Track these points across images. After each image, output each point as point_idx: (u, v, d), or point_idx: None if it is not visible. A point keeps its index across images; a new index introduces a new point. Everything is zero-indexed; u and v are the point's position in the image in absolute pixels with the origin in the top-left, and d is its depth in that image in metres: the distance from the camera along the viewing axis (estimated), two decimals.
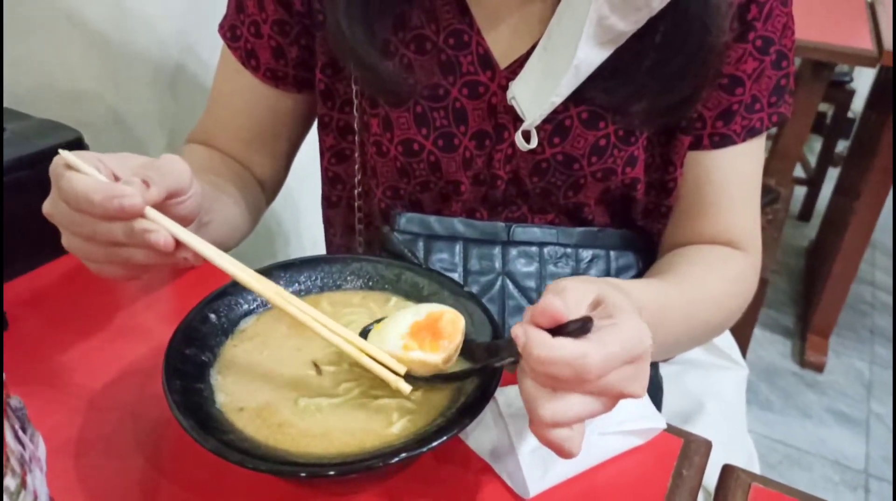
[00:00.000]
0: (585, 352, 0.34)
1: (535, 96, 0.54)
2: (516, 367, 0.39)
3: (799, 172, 2.44)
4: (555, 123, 0.56)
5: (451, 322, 0.42)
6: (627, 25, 0.50)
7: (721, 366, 0.78)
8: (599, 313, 0.38)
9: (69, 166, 0.40)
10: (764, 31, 0.55)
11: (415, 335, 0.42)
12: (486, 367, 0.42)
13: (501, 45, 0.56)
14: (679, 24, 0.51)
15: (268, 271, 0.49)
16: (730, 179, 0.59)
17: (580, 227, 0.62)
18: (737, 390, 0.77)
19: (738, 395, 0.77)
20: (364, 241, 0.69)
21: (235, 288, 0.49)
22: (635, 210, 0.62)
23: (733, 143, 0.57)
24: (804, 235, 2.38)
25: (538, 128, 0.55)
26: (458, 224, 0.61)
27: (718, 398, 0.73)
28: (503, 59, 0.56)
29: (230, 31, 0.62)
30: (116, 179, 0.42)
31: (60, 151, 0.41)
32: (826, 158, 2.35)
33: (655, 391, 0.70)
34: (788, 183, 1.76)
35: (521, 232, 0.61)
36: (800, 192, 2.45)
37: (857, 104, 2.46)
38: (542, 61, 0.54)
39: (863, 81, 2.34)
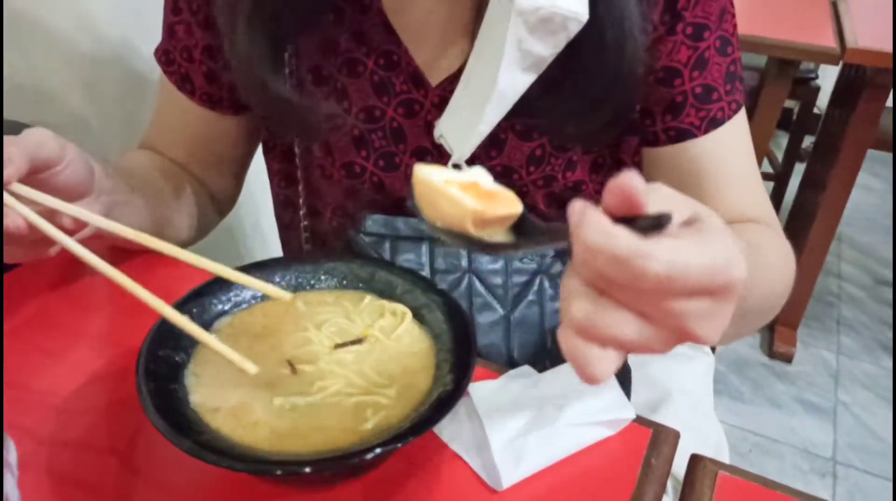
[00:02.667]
0: (649, 253, 0.26)
1: (463, 131, 0.54)
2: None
3: (766, 167, 2.49)
4: (490, 136, 0.55)
5: (510, 201, 0.34)
6: (546, 49, 0.49)
7: (686, 355, 0.79)
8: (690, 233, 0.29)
9: None
10: (693, 17, 0.54)
11: (466, 187, 0.34)
12: (529, 245, 0.34)
13: (431, 63, 0.56)
14: (596, 50, 0.50)
15: (243, 271, 0.49)
16: (719, 165, 0.57)
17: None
18: (703, 378, 0.78)
19: (706, 384, 0.78)
20: None
21: (209, 289, 0.49)
22: None
23: (693, 136, 0.56)
24: None
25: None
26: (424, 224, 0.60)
27: (684, 386, 0.74)
28: (434, 77, 0.57)
29: (164, 55, 0.63)
30: None
31: None
32: (793, 154, 2.40)
33: (624, 380, 0.71)
34: None
35: None
36: (767, 187, 2.50)
37: (823, 100, 2.51)
38: (467, 95, 0.54)
39: (828, 78, 2.38)
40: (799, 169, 2.38)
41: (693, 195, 0.33)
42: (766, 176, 2.46)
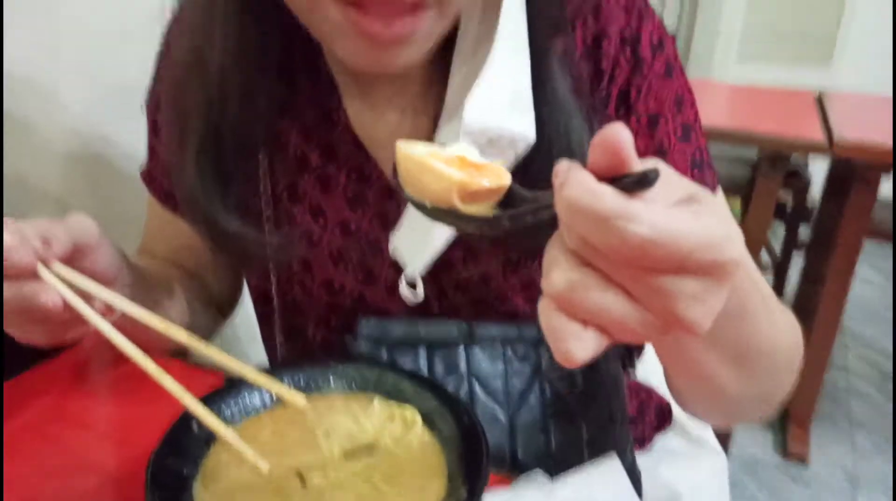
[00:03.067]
0: (635, 214, 0.24)
1: (417, 246, 0.54)
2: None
3: (765, 258, 2.51)
4: (463, 245, 0.54)
5: (498, 173, 0.32)
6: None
7: (696, 455, 0.77)
8: (684, 205, 0.27)
9: None
10: (647, 108, 0.53)
11: (451, 161, 0.32)
12: (515, 217, 0.31)
13: None
14: (545, 166, 0.48)
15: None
16: None
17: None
18: (717, 480, 0.76)
19: (720, 486, 0.76)
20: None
21: (219, 396, 0.49)
22: None
23: None
24: None
25: (450, 252, 0.55)
26: (421, 327, 0.58)
27: (696, 487, 0.72)
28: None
29: (148, 175, 0.66)
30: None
31: None
32: (790, 245, 2.43)
33: (635, 483, 0.69)
34: None
35: (482, 331, 0.58)
36: (766, 279, 2.52)
37: (817, 192, 2.57)
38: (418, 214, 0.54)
39: (819, 171, 2.44)
40: (797, 259, 2.40)
41: None
42: (764, 268, 2.48)
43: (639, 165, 0.25)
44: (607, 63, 0.52)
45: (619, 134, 0.24)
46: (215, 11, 0.49)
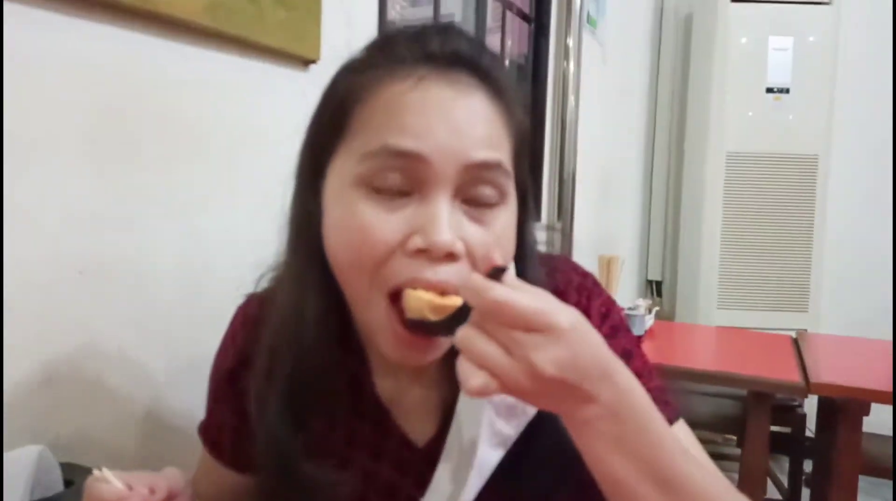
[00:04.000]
0: (492, 286, 0.44)
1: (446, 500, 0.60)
2: None
3: (774, 493, 2.52)
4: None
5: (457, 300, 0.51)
6: (511, 429, 0.58)
7: None
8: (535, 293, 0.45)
9: (98, 480, 0.55)
10: None
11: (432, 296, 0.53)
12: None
13: (416, 430, 0.66)
14: (554, 430, 0.53)
15: None
16: None
17: None
18: None
19: None
20: None
21: None
22: None
23: None
24: None
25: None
26: None
27: None
28: (419, 440, 0.66)
29: (203, 429, 0.76)
30: (131, 488, 0.56)
31: (94, 470, 0.56)
32: (796, 479, 2.46)
33: None
34: None
35: None
36: None
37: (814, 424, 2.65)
38: (447, 470, 0.61)
39: (813, 405, 2.55)
40: (806, 493, 2.41)
41: None
42: None
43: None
44: None
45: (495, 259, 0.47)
46: (301, 302, 0.60)
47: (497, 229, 0.56)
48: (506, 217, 0.58)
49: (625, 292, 2.79)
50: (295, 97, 1.10)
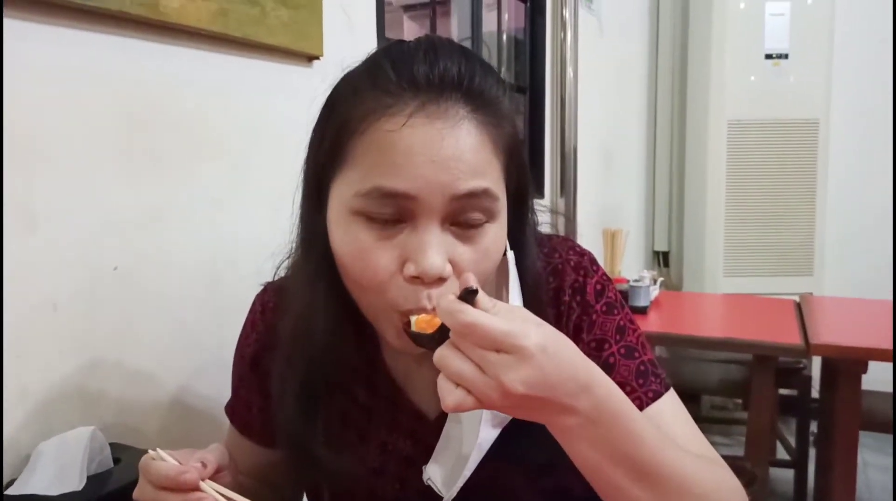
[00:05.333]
0: (464, 308, 0.48)
1: (448, 476, 0.65)
2: None
3: (783, 454, 2.59)
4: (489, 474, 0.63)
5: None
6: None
7: None
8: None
9: (154, 459, 0.60)
10: (591, 337, 0.68)
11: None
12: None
13: (428, 404, 0.71)
14: None
15: None
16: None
17: None
18: None
19: None
20: None
21: None
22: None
23: None
24: None
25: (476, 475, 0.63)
26: None
27: None
28: (431, 414, 0.71)
29: (231, 410, 0.82)
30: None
31: (150, 450, 0.62)
32: (804, 440, 2.52)
33: None
34: (764, 465, 1.92)
35: None
36: (787, 474, 2.58)
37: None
38: (448, 447, 0.66)
39: (818, 367, 2.61)
40: (814, 453, 2.47)
41: None
42: (784, 463, 2.55)
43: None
44: (564, 308, 0.70)
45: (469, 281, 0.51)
46: (314, 299, 0.66)
47: (485, 245, 0.61)
48: (494, 232, 0.62)
49: (632, 264, 2.84)
50: (302, 93, 1.16)
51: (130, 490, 0.74)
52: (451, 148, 0.57)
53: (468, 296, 0.50)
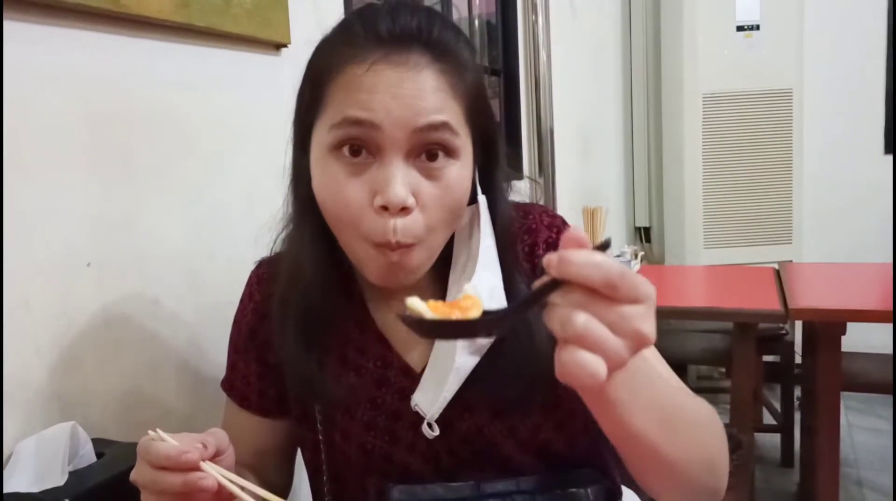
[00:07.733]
0: (610, 261, 0.42)
1: (431, 399, 0.71)
2: None
3: (769, 420, 2.63)
4: (461, 403, 0.70)
5: (473, 303, 0.46)
6: (485, 338, 0.68)
7: None
8: None
9: (154, 439, 0.60)
10: None
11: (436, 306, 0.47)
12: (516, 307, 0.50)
13: (415, 358, 0.75)
14: (525, 346, 0.67)
15: None
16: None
17: (536, 474, 0.73)
18: None
19: None
20: None
21: None
22: (569, 448, 0.74)
23: None
24: (791, 480, 2.49)
25: (452, 410, 0.70)
26: (439, 488, 0.73)
27: None
28: (418, 367, 0.74)
29: (228, 383, 0.84)
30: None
31: (149, 431, 0.61)
32: (788, 404, 2.57)
33: None
34: (749, 430, 1.95)
35: (488, 487, 0.72)
36: (774, 439, 2.63)
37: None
38: (431, 376, 0.72)
39: (799, 332, 2.65)
40: (799, 418, 2.52)
41: None
42: (770, 428, 2.59)
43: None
44: (538, 263, 0.74)
45: (579, 233, 0.44)
46: (303, 259, 0.72)
47: (447, 181, 0.66)
48: (456, 170, 0.67)
49: (615, 242, 2.86)
50: (271, 81, 1.16)
51: (114, 484, 0.76)
52: (411, 88, 0.63)
53: (604, 247, 0.44)
